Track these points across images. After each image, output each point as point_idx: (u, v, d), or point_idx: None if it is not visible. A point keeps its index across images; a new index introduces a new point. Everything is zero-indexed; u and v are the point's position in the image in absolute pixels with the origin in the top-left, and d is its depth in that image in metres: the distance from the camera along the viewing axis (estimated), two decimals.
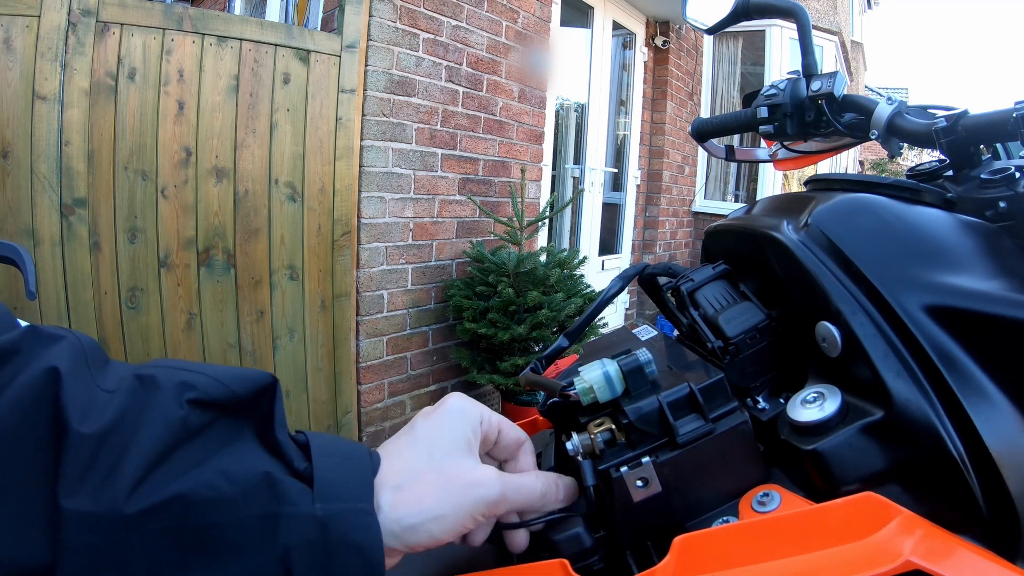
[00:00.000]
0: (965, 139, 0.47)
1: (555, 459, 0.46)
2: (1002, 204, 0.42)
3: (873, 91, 13.06)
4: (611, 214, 4.44)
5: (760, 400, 0.44)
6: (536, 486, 0.36)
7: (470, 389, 2.74)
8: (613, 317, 4.46)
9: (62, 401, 0.25)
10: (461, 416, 0.36)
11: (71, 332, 0.28)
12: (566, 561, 0.35)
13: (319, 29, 2.13)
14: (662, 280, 0.55)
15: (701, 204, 5.31)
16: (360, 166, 2.16)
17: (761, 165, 4.74)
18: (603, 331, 3.00)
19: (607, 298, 0.56)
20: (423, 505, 0.31)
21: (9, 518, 0.24)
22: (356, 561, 0.28)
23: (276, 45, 1.90)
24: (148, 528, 0.25)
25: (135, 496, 0.24)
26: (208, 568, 0.26)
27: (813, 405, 0.37)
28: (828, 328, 0.38)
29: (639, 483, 0.36)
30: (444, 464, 0.33)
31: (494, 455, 0.40)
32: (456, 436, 0.35)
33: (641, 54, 4.38)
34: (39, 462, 0.24)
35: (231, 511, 0.26)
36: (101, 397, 0.26)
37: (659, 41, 4.43)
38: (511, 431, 0.39)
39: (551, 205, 2.83)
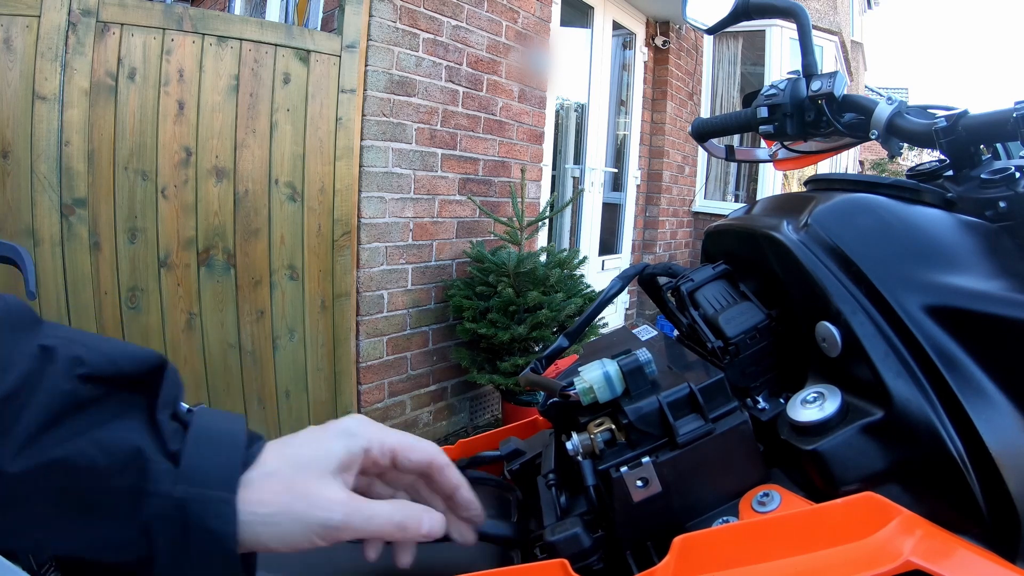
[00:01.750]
0: (965, 139, 0.47)
1: (555, 459, 0.46)
2: (1002, 204, 0.42)
3: (873, 91, 13.05)
4: (611, 214, 4.44)
5: (760, 400, 0.44)
6: (392, 516, 0.35)
7: (470, 389, 2.74)
8: (613, 317, 4.46)
9: None
10: (346, 436, 0.36)
11: (4, 296, 0.30)
12: (566, 561, 0.35)
13: (319, 29, 2.13)
14: (662, 280, 0.55)
15: (701, 204, 5.31)
16: (360, 166, 2.16)
17: (761, 165, 4.74)
18: (603, 331, 3.00)
19: (607, 298, 0.56)
20: (259, 507, 0.32)
21: None
22: (211, 546, 0.29)
23: (276, 45, 1.90)
24: (29, 486, 0.27)
25: (19, 457, 0.27)
26: (80, 528, 0.28)
27: (813, 405, 0.37)
28: (828, 328, 0.38)
29: (639, 483, 0.36)
30: (297, 475, 0.33)
31: (394, 480, 0.40)
32: (329, 454, 0.35)
33: (641, 54, 4.38)
34: None
35: (102, 479, 0.28)
36: (8, 365, 0.28)
37: (659, 41, 4.43)
38: (412, 454, 0.38)
39: (551, 205, 2.83)
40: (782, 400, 0.43)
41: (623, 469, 0.36)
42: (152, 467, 0.29)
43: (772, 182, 5.42)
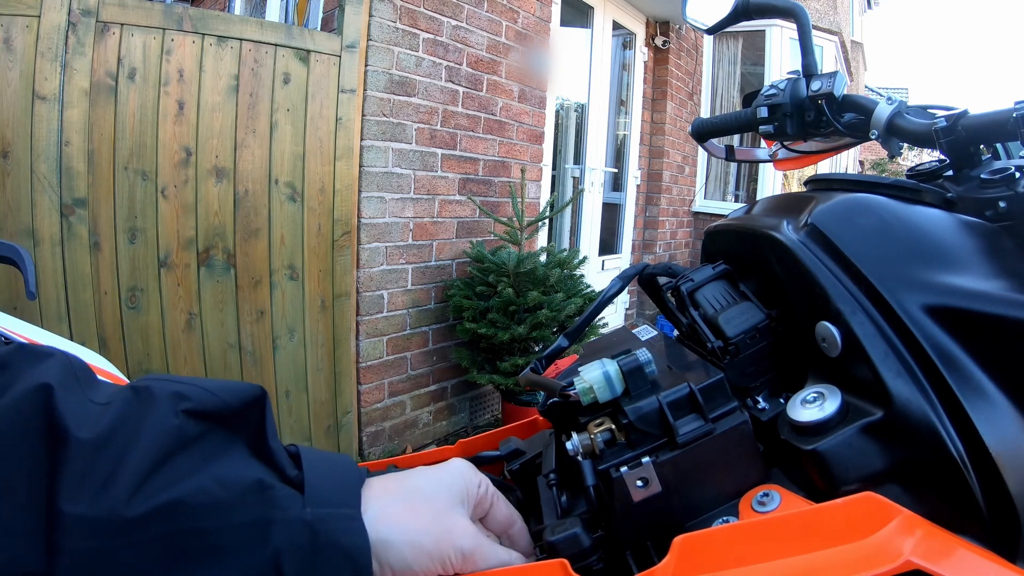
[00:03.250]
0: (965, 139, 0.47)
1: (555, 459, 0.46)
2: (1002, 204, 0.42)
3: (873, 91, 13.05)
4: (611, 214, 4.44)
5: (760, 400, 0.43)
6: (509, 560, 0.36)
7: (470, 389, 2.74)
8: (613, 317, 4.46)
9: (58, 411, 0.25)
10: (460, 476, 0.37)
11: (60, 351, 0.29)
12: (566, 561, 0.35)
13: (319, 29, 2.13)
14: (662, 280, 0.55)
15: (701, 204, 5.31)
16: (360, 166, 2.16)
17: (761, 165, 4.74)
18: (603, 331, 3.00)
19: (607, 298, 0.56)
20: (405, 526, 0.32)
21: (4, 526, 0.24)
22: (344, 564, 0.29)
23: (276, 45, 1.90)
24: (146, 532, 0.25)
25: (134, 501, 0.25)
26: (202, 571, 0.26)
27: (813, 405, 0.37)
28: (828, 328, 0.38)
29: (639, 483, 0.36)
30: (436, 503, 0.34)
31: (485, 525, 0.41)
32: (453, 488, 0.36)
33: (641, 54, 4.38)
34: (33, 470, 0.25)
35: (225, 516, 0.27)
36: (94, 409, 0.27)
37: (659, 41, 4.43)
38: (504, 507, 0.40)
39: (551, 205, 2.83)
40: (782, 400, 0.43)
41: (623, 469, 0.36)
42: (276, 495, 0.28)
43: (772, 182, 5.42)
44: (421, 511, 0.33)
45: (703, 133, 0.79)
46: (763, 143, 0.80)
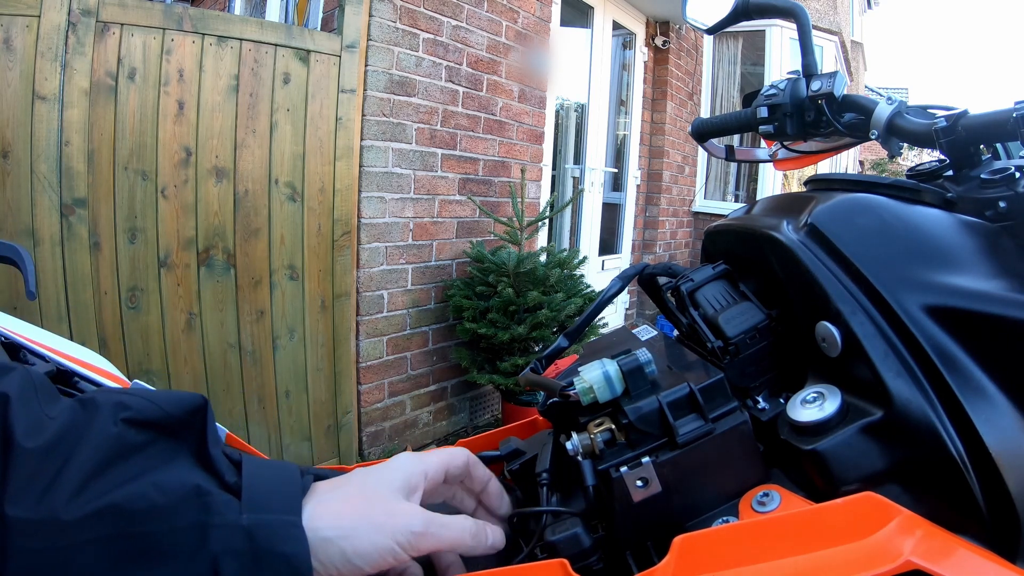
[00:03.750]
0: (965, 139, 0.47)
1: (550, 459, 0.45)
2: (1002, 204, 0.42)
3: (873, 91, 13.05)
4: (611, 214, 4.44)
5: (760, 400, 0.43)
6: (467, 527, 0.36)
7: (470, 389, 2.74)
8: (613, 317, 4.46)
9: (9, 421, 0.27)
10: (400, 468, 0.37)
11: (23, 366, 0.31)
12: (566, 561, 0.35)
13: (319, 29, 2.13)
14: (662, 280, 0.55)
15: (701, 204, 5.31)
16: (360, 166, 2.16)
17: (761, 165, 4.74)
18: (603, 331, 3.00)
19: (607, 298, 0.56)
20: (340, 520, 0.32)
21: None
22: (284, 569, 0.29)
23: (276, 45, 1.90)
24: (86, 534, 0.26)
25: (73, 504, 0.26)
26: (144, 574, 0.27)
27: (813, 405, 0.37)
28: (828, 328, 0.38)
29: (639, 483, 0.36)
30: (372, 493, 0.34)
31: (434, 495, 0.41)
32: (394, 480, 0.36)
33: (641, 54, 4.38)
34: None
35: (163, 520, 0.28)
36: (46, 420, 0.28)
37: (659, 41, 4.43)
38: (457, 460, 0.40)
39: (551, 205, 2.83)
40: (782, 400, 0.43)
41: (623, 469, 0.36)
42: (214, 500, 0.29)
43: (772, 182, 5.42)
44: (359, 505, 0.33)
45: (703, 133, 0.79)
46: (763, 143, 0.80)
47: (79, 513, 0.26)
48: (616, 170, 4.43)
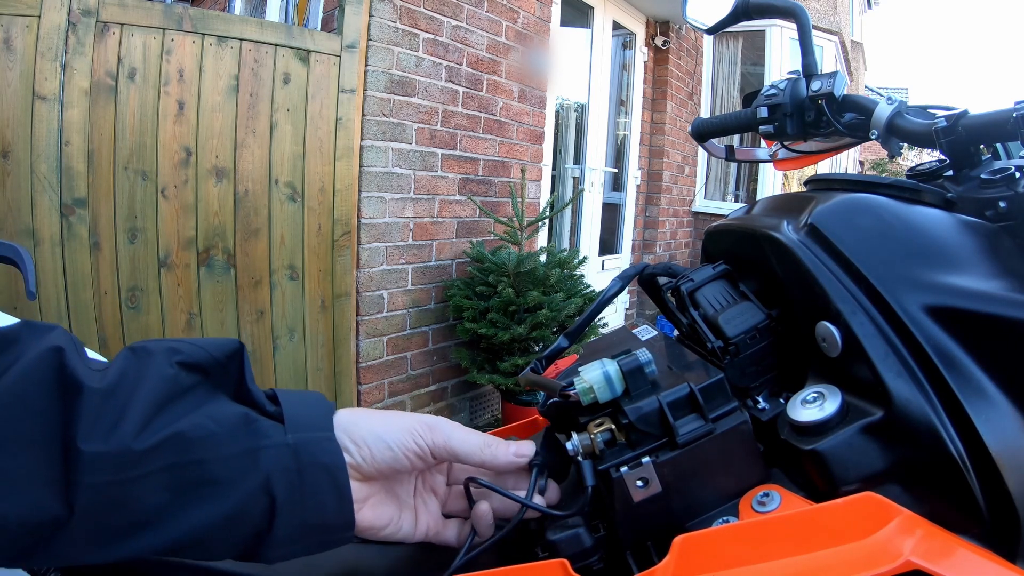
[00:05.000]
0: (965, 139, 0.47)
1: (541, 448, 0.45)
2: (1002, 204, 0.42)
3: (873, 91, 13.05)
4: (611, 214, 4.44)
5: (760, 400, 0.43)
6: (471, 436, 0.40)
7: (470, 389, 2.74)
8: (613, 317, 4.46)
9: (70, 368, 0.29)
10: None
11: (59, 326, 0.33)
12: (566, 561, 0.35)
13: (319, 29, 2.13)
14: (662, 280, 0.55)
15: (701, 204, 5.31)
16: (360, 166, 2.16)
17: (761, 165, 4.74)
18: (603, 331, 3.00)
19: (607, 298, 0.56)
20: (371, 427, 0.37)
21: (26, 475, 0.27)
22: (326, 481, 0.33)
23: (276, 45, 1.90)
24: (153, 464, 0.29)
25: (141, 436, 0.29)
26: (202, 501, 0.30)
27: (813, 405, 0.37)
28: (828, 328, 0.38)
29: (639, 483, 0.36)
30: (387, 412, 0.39)
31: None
32: (404, 421, 0.39)
33: (641, 54, 4.38)
34: (52, 420, 0.28)
35: (219, 447, 0.31)
36: (99, 366, 0.31)
37: (659, 41, 4.43)
38: (473, 436, 0.42)
39: (551, 205, 2.83)
40: (782, 400, 0.43)
41: (623, 469, 0.36)
42: (261, 426, 0.33)
43: (772, 182, 5.42)
44: (377, 415, 0.38)
45: (703, 133, 0.79)
46: (763, 143, 0.80)
47: (148, 443, 0.29)
48: (616, 170, 4.43)
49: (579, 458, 0.38)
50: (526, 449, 0.41)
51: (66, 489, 0.27)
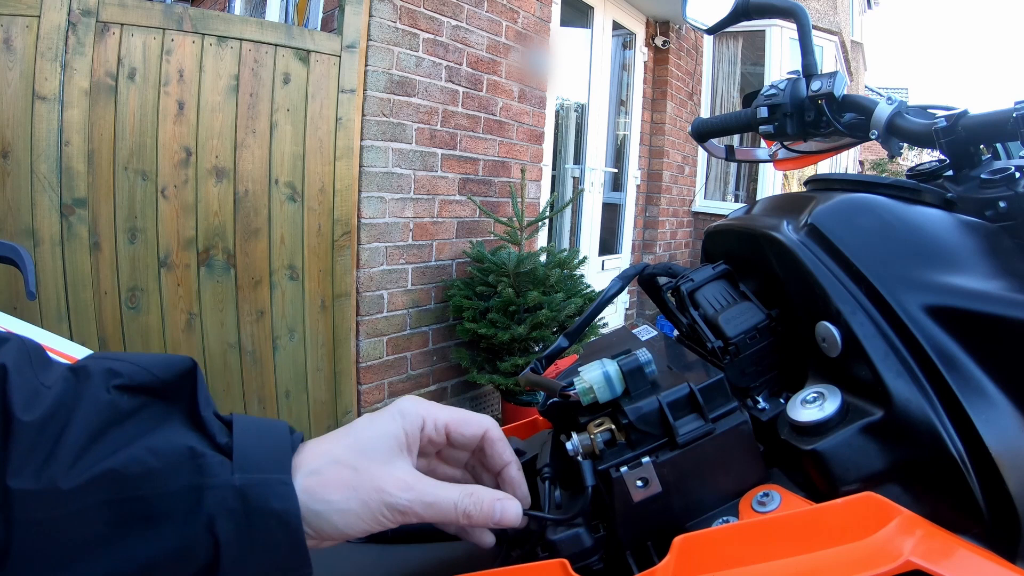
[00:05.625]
0: (965, 139, 0.47)
1: (550, 458, 0.45)
2: (1002, 204, 0.42)
3: (873, 91, 13.05)
4: (611, 214, 4.44)
5: (760, 400, 0.43)
6: (458, 504, 0.35)
7: (470, 389, 2.74)
8: (613, 317, 4.46)
9: (8, 394, 0.27)
10: (400, 416, 0.36)
11: (16, 335, 0.31)
12: (566, 561, 0.35)
13: (319, 29, 2.13)
14: (662, 280, 0.55)
15: (701, 204, 5.31)
16: (360, 166, 2.16)
17: (761, 165, 4.74)
18: (603, 331, 3.00)
19: (607, 298, 0.56)
20: (330, 496, 0.32)
21: None
22: (278, 529, 0.30)
23: (276, 45, 1.90)
24: (85, 501, 0.27)
25: (71, 473, 0.27)
26: (142, 537, 0.28)
27: (813, 405, 0.37)
28: (828, 328, 0.38)
29: (639, 483, 0.36)
30: (362, 461, 0.34)
31: (451, 458, 0.41)
32: (388, 434, 0.35)
33: (641, 54, 4.38)
34: None
35: (159, 483, 0.28)
36: (42, 390, 0.29)
37: (659, 41, 4.43)
38: (465, 428, 0.39)
39: (551, 205, 2.83)
40: (782, 400, 0.43)
41: (623, 469, 0.36)
42: (207, 461, 0.29)
43: (772, 182, 5.42)
44: (347, 476, 0.33)
45: (703, 133, 0.79)
46: (763, 143, 0.80)
47: (77, 481, 0.27)
48: (616, 170, 4.43)
49: (579, 458, 0.38)
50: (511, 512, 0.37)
51: (3, 522, 0.26)
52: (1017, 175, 0.43)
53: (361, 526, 0.33)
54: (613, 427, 0.38)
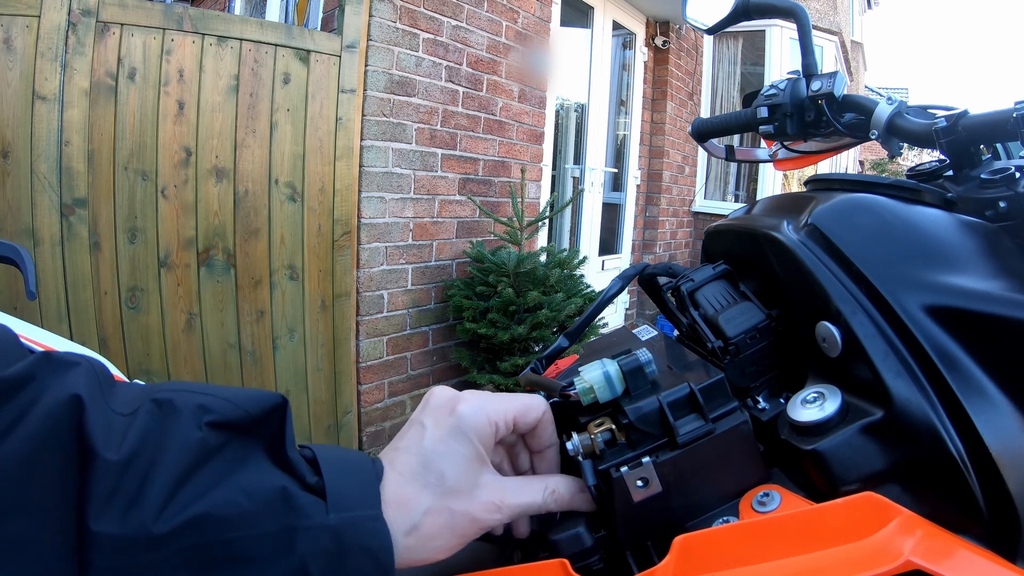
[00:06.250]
0: (965, 139, 0.47)
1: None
2: (1002, 204, 0.42)
3: (873, 91, 13.05)
4: (611, 214, 4.44)
5: (760, 400, 0.43)
6: (535, 501, 0.37)
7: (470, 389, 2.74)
8: (613, 317, 4.46)
9: (87, 428, 0.25)
10: (475, 434, 0.36)
11: (84, 357, 0.29)
12: (566, 561, 0.35)
13: (319, 29, 2.13)
14: (662, 280, 0.55)
15: (701, 204, 5.31)
16: (360, 166, 2.16)
17: (761, 165, 4.74)
18: (603, 331, 3.00)
19: (607, 298, 0.56)
20: (433, 543, 0.33)
21: (34, 545, 0.24)
22: (368, 565, 0.29)
23: (276, 45, 1.90)
24: (174, 546, 0.25)
25: (162, 517, 0.25)
26: None
27: (813, 405, 0.37)
28: (828, 328, 0.38)
29: (639, 483, 0.36)
30: (453, 502, 0.34)
31: (528, 442, 0.41)
32: (468, 459, 0.35)
33: (641, 54, 4.38)
34: (64, 488, 0.25)
35: (251, 526, 0.27)
36: (119, 421, 0.27)
37: (659, 41, 4.43)
38: (530, 415, 0.39)
39: (551, 205, 2.83)
40: (782, 400, 0.43)
41: (623, 469, 0.36)
42: (300, 502, 0.29)
43: (772, 182, 5.42)
44: (443, 520, 0.33)
45: (703, 133, 0.79)
46: (763, 143, 0.80)
47: (169, 526, 0.25)
48: (616, 170, 4.43)
49: (579, 458, 0.38)
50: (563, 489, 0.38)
51: (78, 565, 0.24)
52: (1017, 175, 0.43)
53: (447, 549, 0.34)
54: (613, 427, 0.38)
